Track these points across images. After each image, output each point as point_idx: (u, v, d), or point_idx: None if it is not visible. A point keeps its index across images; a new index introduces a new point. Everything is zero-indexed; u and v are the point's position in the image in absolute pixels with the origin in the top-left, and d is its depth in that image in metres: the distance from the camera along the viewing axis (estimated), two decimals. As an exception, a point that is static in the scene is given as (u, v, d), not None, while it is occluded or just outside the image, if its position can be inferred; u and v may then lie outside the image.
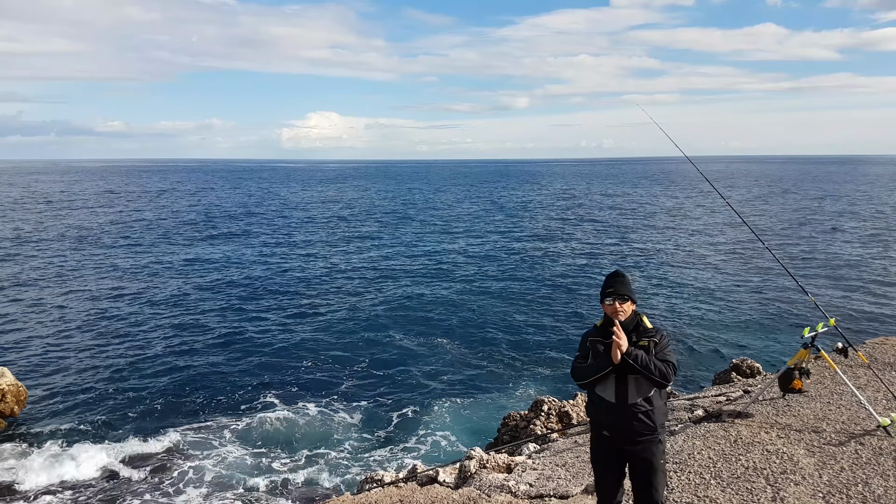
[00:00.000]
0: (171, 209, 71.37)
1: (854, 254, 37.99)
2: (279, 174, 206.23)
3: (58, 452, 14.15)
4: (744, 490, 5.48)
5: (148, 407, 16.81)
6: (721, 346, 21.37)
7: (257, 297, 28.54)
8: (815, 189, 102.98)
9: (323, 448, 14.68)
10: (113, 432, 15.34)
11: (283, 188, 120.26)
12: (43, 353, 20.85)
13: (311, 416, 16.31)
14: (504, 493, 6.08)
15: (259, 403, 17.06)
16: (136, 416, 16.29)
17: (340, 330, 23.69)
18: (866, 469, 5.73)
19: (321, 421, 16.09)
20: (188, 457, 14.12)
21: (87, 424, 15.74)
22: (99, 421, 15.93)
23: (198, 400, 17.28)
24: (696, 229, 51.43)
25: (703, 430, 6.87)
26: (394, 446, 14.88)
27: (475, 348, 21.58)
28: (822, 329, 6.97)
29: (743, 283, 30.50)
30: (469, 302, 27.71)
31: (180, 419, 16.05)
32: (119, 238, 46.67)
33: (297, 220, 61.66)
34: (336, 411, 16.67)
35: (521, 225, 56.75)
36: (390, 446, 14.88)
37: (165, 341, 22.14)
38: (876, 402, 7.24)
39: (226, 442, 14.85)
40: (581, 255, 39.17)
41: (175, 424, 15.73)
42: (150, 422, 15.91)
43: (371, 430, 15.67)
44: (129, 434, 15.19)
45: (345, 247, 43.69)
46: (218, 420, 16.02)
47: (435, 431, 15.58)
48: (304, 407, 16.85)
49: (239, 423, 15.85)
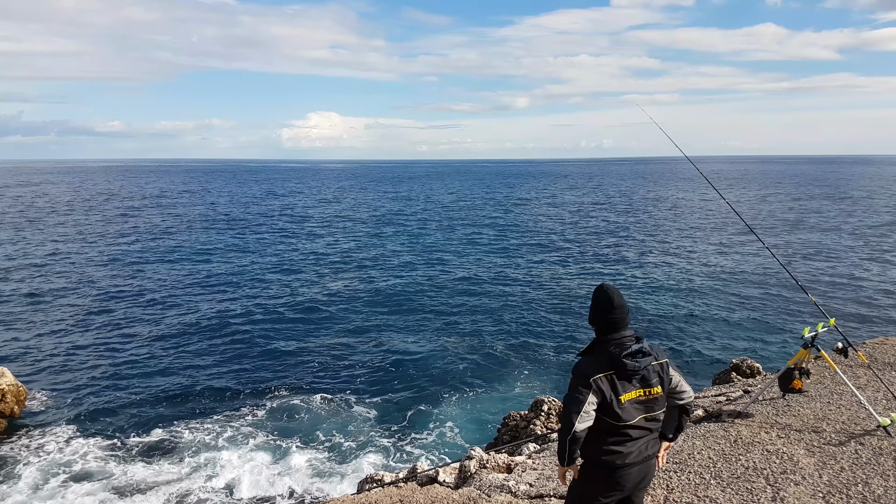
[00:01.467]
0: (173, 209, 71.37)
1: (854, 254, 38.00)
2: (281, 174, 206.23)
3: (58, 452, 14.15)
4: (744, 490, 5.47)
5: (147, 406, 16.81)
6: (721, 346, 21.38)
7: (257, 298, 28.53)
8: (814, 189, 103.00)
9: (322, 448, 14.68)
10: (113, 431, 15.34)
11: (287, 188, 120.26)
12: (43, 353, 20.85)
13: (310, 416, 16.31)
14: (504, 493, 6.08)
15: (258, 404, 17.05)
16: (137, 414, 16.29)
17: (339, 329, 23.68)
18: (866, 469, 5.73)
19: (321, 421, 16.09)
20: (187, 456, 14.12)
21: (88, 424, 15.74)
22: (99, 420, 15.93)
23: (196, 399, 17.28)
24: (696, 229, 51.43)
25: (703, 430, 6.86)
26: (393, 446, 14.87)
27: (475, 348, 21.58)
28: (822, 329, 6.96)
29: (743, 282, 30.50)
30: (469, 302, 27.71)
31: (179, 418, 16.03)
32: (119, 237, 46.67)
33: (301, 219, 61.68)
34: (336, 411, 16.67)
35: (523, 226, 56.74)
36: (390, 446, 14.87)
37: (165, 340, 22.14)
38: (876, 402, 7.24)
39: (224, 441, 14.85)
40: (581, 255, 39.16)
41: (174, 423, 15.72)
42: (149, 421, 15.90)
43: (371, 429, 15.67)
44: (130, 433, 15.19)
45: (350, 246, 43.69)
46: (216, 419, 16.02)
47: (435, 431, 15.58)
48: (303, 407, 16.84)
49: (237, 422, 15.85)
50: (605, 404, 3.50)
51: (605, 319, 3.62)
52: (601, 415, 3.55)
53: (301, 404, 17.00)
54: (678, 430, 3.84)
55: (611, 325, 3.61)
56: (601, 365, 3.53)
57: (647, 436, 3.62)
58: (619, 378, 3.52)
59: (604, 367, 3.53)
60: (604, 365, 3.53)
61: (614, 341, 3.57)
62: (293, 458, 14.20)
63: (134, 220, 59.74)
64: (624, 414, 3.51)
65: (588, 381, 3.49)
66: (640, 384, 3.55)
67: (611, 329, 3.61)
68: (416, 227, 55.41)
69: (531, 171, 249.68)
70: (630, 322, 3.69)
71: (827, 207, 68.70)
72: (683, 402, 3.77)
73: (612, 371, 3.52)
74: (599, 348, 3.61)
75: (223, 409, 16.66)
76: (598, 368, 3.53)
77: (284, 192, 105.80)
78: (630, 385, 3.53)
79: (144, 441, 14.81)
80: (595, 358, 3.59)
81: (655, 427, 3.66)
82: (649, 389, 3.56)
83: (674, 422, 3.80)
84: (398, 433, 15.54)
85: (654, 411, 3.60)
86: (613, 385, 3.50)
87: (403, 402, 17.24)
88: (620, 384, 3.51)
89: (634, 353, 3.50)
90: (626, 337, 3.58)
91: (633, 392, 3.54)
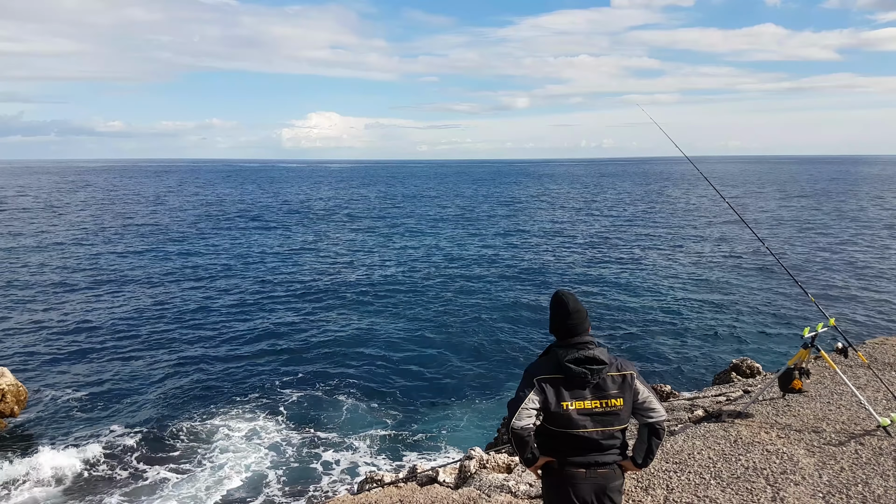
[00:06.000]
0: (174, 208, 71.36)
1: (854, 254, 38.00)
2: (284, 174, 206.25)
3: (58, 452, 14.14)
4: (744, 490, 5.47)
5: (147, 405, 16.81)
6: (721, 346, 21.38)
7: (255, 298, 28.54)
8: (814, 189, 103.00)
9: (322, 448, 14.68)
10: (113, 431, 15.33)
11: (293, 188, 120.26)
12: (43, 353, 20.85)
13: (310, 416, 16.32)
14: (504, 493, 6.07)
15: (256, 404, 17.05)
16: (136, 414, 16.29)
17: (338, 329, 23.67)
18: (866, 469, 5.73)
19: (321, 421, 16.10)
20: (186, 454, 14.13)
21: (88, 423, 15.74)
22: (99, 420, 15.94)
23: (194, 399, 17.28)
24: (696, 229, 51.43)
25: (703, 430, 6.86)
26: (393, 446, 14.88)
27: (475, 348, 21.59)
28: (822, 329, 6.96)
29: (743, 283, 30.50)
30: (470, 302, 27.71)
31: (178, 417, 16.04)
32: (119, 237, 46.66)
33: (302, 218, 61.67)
34: (336, 411, 16.67)
35: (526, 226, 56.73)
36: (390, 446, 14.88)
37: (165, 340, 22.14)
38: (876, 402, 7.23)
39: (224, 441, 14.85)
40: (583, 256, 39.16)
41: (173, 423, 15.72)
42: (149, 420, 15.91)
43: (371, 429, 15.66)
44: (129, 432, 15.19)
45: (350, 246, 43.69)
46: (215, 419, 16.02)
47: (435, 431, 15.59)
48: (303, 407, 16.86)
49: (237, 422, 15.85)
50: (547, 406, 3.41)
51: (562, 325, 3.55)
52: (546, 422, 3.48)
53: (300, 404, 17.01)
54: (648, 456, 3.56)
55: (567, 331, 3.52)
56: (549, 367, 3.48)
57: (601, 450, 3.46)
58: (568, 384, 3.41)
59: (551, 369, 3.46)
60: (551, 368, 3.46)
61: (568, 346, 3.48)
62: (292, 458, 14.21)
63: (134, 219, 59.72)
64: (569, 422, 3.39)
65: (532, 380, 3.45)
66: (595, 394, 3.41)
67: (568, 334, 3.52)
68: (416, 228, 55.40)
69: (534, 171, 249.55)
70: (590, 327, 3.57)
71: (827, 207, 68.69)
72: (652, 420, 3.52)
73: (559, 375, 3.42)
74: (552, 352, 3.55)
75: (222, 409, 16.66)
76: (546, 370, 3.47)
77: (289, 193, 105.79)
78: (582, 393, 3.40)
79: (144, 440, 14.81)
80: (546, 360, 3.55)
81: (612, 443, 3.48)
82: (606, 401, 3.40)
83: (643, 444, 3.56)
84: (398, 433, 15.53)
85: (612, 426, 3.44)
86: (559, 389, 3.40)
87: (404, 403, 17.25)
88: (570, 391, 3.40)
89: (581, 359, 3.39)
90: (581, 343, 3.47)
91: (586, 402, 3.40)
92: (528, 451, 3.53)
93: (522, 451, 3.54)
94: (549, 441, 3.54)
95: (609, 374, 3.45)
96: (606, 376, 3.44)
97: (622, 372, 3.49)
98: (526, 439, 3.48)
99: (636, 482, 5.68)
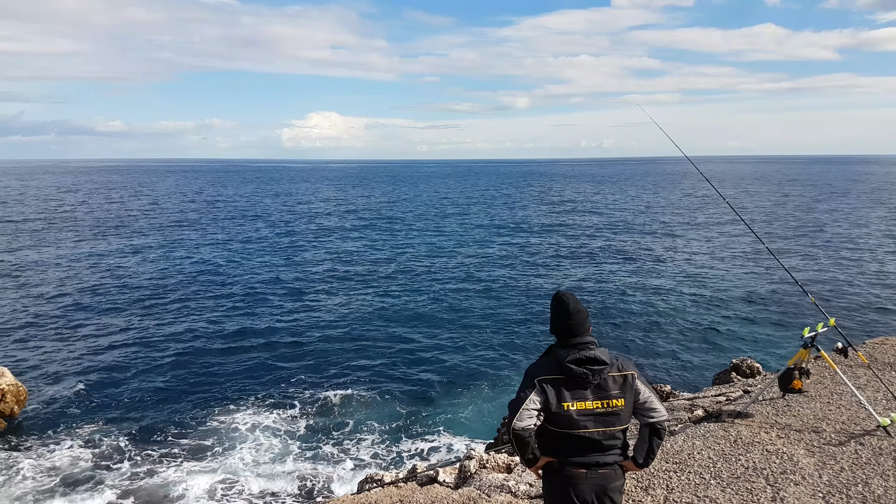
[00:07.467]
0: (174, 207, 71.38)
1: (855, 253, 37.99)
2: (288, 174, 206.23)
3: (58, 451, 14.15)
4: (744, 490, 5.47)
5: (147, 405, 16.81)
6: (721, 346, 21.39)
7: (254, 300, 28.54)
8: (814, 189, 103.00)
9: (322, 447, 14.68)
10: (113, 431, 15.33)
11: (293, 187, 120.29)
12: (43, 353, 20.85)
13: (309, 416, 16.31)
14: (504, 493, 6.07)
15: (256, 404, 17.04)
16: (136, 414, 16.29)
17: (338, 329, 23.67)
18: (866, 469, 5.73)
19: (320, 421, 16.09)
20: (186, 455, 14.13)
21: (88, 424, 15.73)
22: (99, 420, 15.93)
23: (195, 400, 17.27)
24: (695, 229, 51.44)
25: (703, 430, 6.86)
26: (394, 445, 14.88)
27: (476, 348, 21.58)
28: (822, 329, 6.96)
29: (743, 283, 30.51)
30: (470, 302, 27.71)
31: (178, 418, 16.04)
32: (119, 236, 46.67)
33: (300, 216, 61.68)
34: (336, 411, 16.67)
35: (528, 227, 56.72)
36: (390, 446, 14.88)
37: (165, 339, 22.13)
38: (876, 402, 7.23)
39: (224, 441, 14.85)
40: (585, 256, 39.16)
41: (173, 423, 15.73)
42: (149, 420, 15.91)
43: (371, 429, 15.66)
44: (129, 432, 15.19)
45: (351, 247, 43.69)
46: (216, 419, 16.01)
47: (435, 431, 15.59)
48: (303, 407, 16.85)
49: (237, 422, 15.84)
50: (548, 407, 3.41)
51: (563, 326, 3.53)
52: (547, 422, 3.47)
53: (300, 404, 17.00)
54: (649, 456, 3.57)
55: (568, 331, 3.50)
56: (550, 368, 3.47)
57: (602, 450, 3.47)
58: (569, 384, 3.40)
59: (552, 370, 3.45)
60: (552, 368, 3.46)
61: (569, 346, 3.47)
62: (292, 457, 14.21)
63: (134, 219, 59.73)
64: (570, 423, 3.38)
65: (533, 380, 3.45)
66: (596, 395, 3.40)
67: (568, 335, 3.50)
68: (417, 228, 55.40)
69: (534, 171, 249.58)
70: (591, 328, 3.55)
71: (827, 207, 68.70)
72: (653, 420, 3.52)
73: (560, 375, 3.41)
74: (553, 352, 3.55)
75: (223, 410, 16.66)
76: (546, 371, 3.47)
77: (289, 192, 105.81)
78: (583, 394, 3.40)
79: (144, 439, 14.81)
80: (547, 361, 3.54)
81: (613, 443, 3.49)
82: (608, 401, 3.40)
83: (644, 444, 3.56)
84: (398, 433, 15.54)
85: (613, 426, 3.44)
86: (559, 390, 3.40)
87: (404, 402, 17.25)
88: (571, 391, 3.40)
89: (582, 359, 3.38)
90: (582, 343, 3.46)
91: (588, 403, 3.39)
92: (528, 452, 3.53)
93: (523, 452, 3.54)
94: (549, 441, 3.53)
95: (610, 374, 3.44)
96: (608, 376, 3.44)
97: (623, 372, 3.49)
98: (527, 440, 3.47)
99: (636, 482, 5.68)
